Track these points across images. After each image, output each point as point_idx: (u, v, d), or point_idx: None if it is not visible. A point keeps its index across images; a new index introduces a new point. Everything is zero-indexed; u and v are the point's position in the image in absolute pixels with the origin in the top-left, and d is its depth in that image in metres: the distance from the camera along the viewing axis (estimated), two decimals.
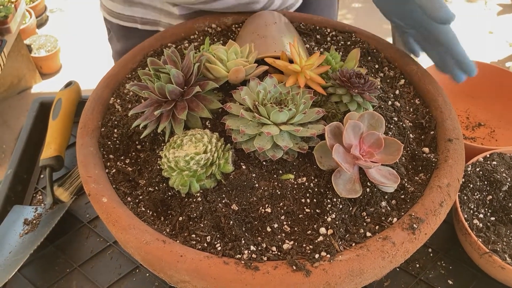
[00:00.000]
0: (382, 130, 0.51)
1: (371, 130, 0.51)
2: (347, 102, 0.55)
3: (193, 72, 0.54)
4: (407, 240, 0.46)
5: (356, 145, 0.50)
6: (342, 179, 0.50)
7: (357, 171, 0.51)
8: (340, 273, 0.44)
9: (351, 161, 0.50)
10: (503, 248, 0.59)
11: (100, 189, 0.52)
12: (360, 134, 0.50)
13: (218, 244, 0.47)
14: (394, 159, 0.50)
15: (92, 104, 0.62)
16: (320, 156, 0.51)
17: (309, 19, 0.74)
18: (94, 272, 0.66)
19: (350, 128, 0.50)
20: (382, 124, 0.51)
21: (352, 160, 0.50)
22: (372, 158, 0.49)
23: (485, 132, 0.85)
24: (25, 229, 0.69)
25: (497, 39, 2.58)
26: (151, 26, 0.83)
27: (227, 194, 0.51)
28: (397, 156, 0.50)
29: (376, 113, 0.51)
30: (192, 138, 0.52)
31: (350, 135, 0.50)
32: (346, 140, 0.49)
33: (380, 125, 0.51)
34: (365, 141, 0.50)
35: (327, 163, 0.51)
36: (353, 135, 0.50)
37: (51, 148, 0.75)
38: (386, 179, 0.50)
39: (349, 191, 0.50)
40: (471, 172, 0.66)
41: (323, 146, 0.51)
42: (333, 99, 0.56)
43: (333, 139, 0.50)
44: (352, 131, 0.50)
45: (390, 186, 0.49)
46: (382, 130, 0.51)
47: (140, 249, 0.46)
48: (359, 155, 0.49)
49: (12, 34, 2.07)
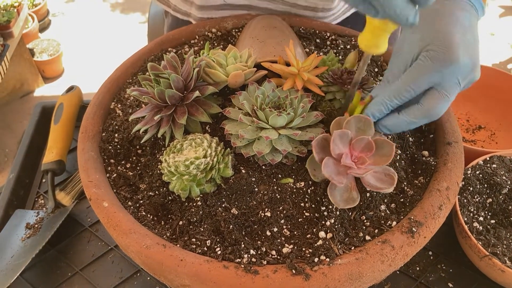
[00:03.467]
0: (371, 132, 0.50)
1: (360, 134, 0.50)
2: (341, 98, 0.56)
3: (192, 77, 0.54)
4: (406, 244, 0.46)
5: (347, 153, 0.49)
6: (338, 190, 0.49)
7: (352, 178, 0.50)
8: (339, 276, 0.44)
9: (343, 171, 0.49)
10: (503, 251, 0.59)
11: (101, 193, 0.52)
12: (349, 141, 0.49)
13: (218, 248, 0.47)
14: (388, 160, 0.49)
15: (93, 109, 0.62)
16: (313, 169, 0.51)
17: (309, 23, 0.74)
18: (95, 276, 0.67)
19: (337, 138, 0.48)
20: (371, 126, 0.50)
21: (344, 170, 0.49)
22: (365, 164, 0.48)
23: (486, 134, 0.85)
24: (27, 233, 0.69)
25: (499, 41, 2.58)
26: (182, 15, 0.85)
27: (227, 198, 0.51)
28: (390, 156, 0.48)
29: (362, 116, 0.50)
30: (192, 143, 0.52)
31: (338, 144, 0.48)
32: (334, 151, 0.48)
33: (369, 127, 0.50)
34: (355, 147, 0.49)
35: (320, 175, 0.51)
36: (342, 144, 0.49)
37: (52, 152, 0.76)
38: (382, 183, 0.49)
39: (346, 201, 0.49)
40: (471, 175, 0.66)
41: (313, 159, 0.50)
42: (327, 97, 0.57)
43: (321, 153, 0.49)
44: (340, 140, 0.49)
45: (386, 189, 0.49)
46: (371, 132, 0.50)
47: (140, 253, 0.47)
48: (351, 163, 0.48)
49: (14, 39, 2.08)
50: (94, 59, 2.62)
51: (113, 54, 2.64)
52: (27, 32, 2.47)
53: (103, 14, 2.98)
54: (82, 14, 2.98)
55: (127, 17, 2.95)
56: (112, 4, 3.07)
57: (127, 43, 2.68)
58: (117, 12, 3.00)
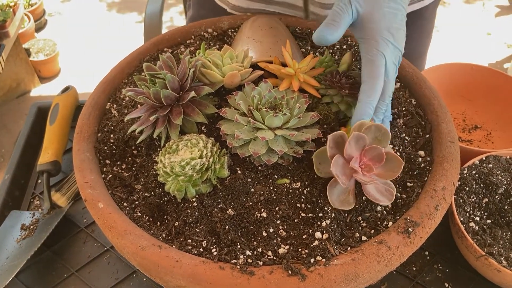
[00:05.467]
0: (386, 145, 0.50)
1: (375, 143, 0.50)
2: (338, 102, 0.56)
3: (188, 77, 0.54)
4: (402, 244, 0.46)
5: (357, 158, 0.49)
6: (337, 189, 0.50)
7: (354, 183, 0.50)
8: (336, 277, 0.44)
9: (349, 173, 0.49)
10: (499, 250, 0.59)
11: (96, 194, 0.52)
12: (363, 146, 0.49)
13: (214, 249, 0.47)
14: (394, 176, 0.49)
15: (89, 110, 0.62)
16: (318, 163, 0.51)
17: (305, 23, 0.74)
18: (91, 277, 0.66)
19: (353, 140, 0.48)
20: (388, 139, 0.50)
21: (350, 172, 0.49)
22: (370, 172, 0.48)
23: (482, 134, 0.85)
24: (23, 234, 0.69)
25: (495, 41, 2.59)
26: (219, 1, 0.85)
27: (222, 199, 0.51)
28: (397, 172, 0.49)
29: (383, 127, 0.49)
30: (187, 143, 0.52)
31: (353, 147, 0.49)
32: (347, 151, 0.48)
33: (386, 139, 0.50)
34: (366, 154, 0.49)
35: (325, 170, 0.51)
36: (356, 147, 0.49)
37: (48, 153, 0.76)
38: (381, 195, 0.49)
39: (342, 202, 0.49)
40: (467, 175, 0.66)
41: (323, 153, 0.50)
42: (325, 100, 0.57)
43: (334, 149, 0.49)
44: (356, 143, 0.49)
45: (384, 202, 0.49)
46: (386, 145, 0.50)
47: (136, 255, 0.46)
48: (358, 167, 0.48)
49: (10, 38, 2.08)
50: (91, 59, 2.61)
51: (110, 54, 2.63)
52: (23, 32, 2.46)
53: (99, 14, 2.98)
54: (78, 14, 2.98)
55: (124, 16, 2.95)
56: (109, 4, 3.06)
57: (124, 43, 2.67)
58: (114, 11, 3.00)
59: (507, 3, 2.85)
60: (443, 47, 2.51)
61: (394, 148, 0.57)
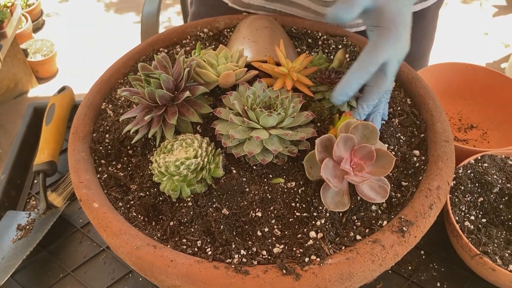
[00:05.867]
0: (375, 142, 0.50)
1: (364, 141, 0.50)
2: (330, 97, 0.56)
3: (183, 77, 0.54)
4: (397, 243, 0.46)
5: (347, 158, 0.49)
6: (330, 192, 0.50)
7: (347, 184, 0.50)
8: (330, 276, 0.44)
9: (340, 175, 0.49)
10: (494, 249, 0.59)
11: (91, 194, 0.52)
12: (352, 146, 0.49)
13: (208, 249, 0.47)
14: (386, 172, 0.49)
15: (84, 110, 0.62)
16: (309, 167, 0.51)
17: (301, 23, 0.74)
18: (87, 277, 0.66)
19: (341, 141, 0.48)
20: (376, 135, 0.50)
21: (341, 174, 0.49)
22: (362, 171, 0.48)
23: (478, 134, 0.86)
24: (18, 234, 0.69)
25: (493, 40, 2.59)
26: None
27: (217, 198, 0.51)
28: (389, 169, 0.49)
29: (370, 124, 0.50)
30: (182, 143, 0.52)
31: (341, 148, 0.49)
32: (336, 153, 0.48)
33: (374, 136, 0.50)
34: (356, 154, 0.49)
35: (316, 174, 0.51)
36: (344, 148, 0.49)
37: (44, 153, 0.76)
38: (375, 194, 0.49)
39: (337, 204, 0.49)
40: (463, 174, 0.66)
41: (313, 157, 0.50)
42: (316, 97, 0.57)
43: (323, 153, 0.49)
44: (344, 144, 0.49)
45: (378, 200, 0.49)
46: (375, 142, 0.50)
47: (131, 254, 0.46)
48: (349, 168, 0.48)
49: (8, 39, 2.07)
50: (88, 59, 2.61)
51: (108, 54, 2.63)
52: (20, 32, 2.46)
53: (97, 14, 2.97)
54: (76, 14, 2.97)
55: (122, 17, 2.94)
56: (107, 4, 3.06)
57: (122, 43, 2.67)
58: (111, 12, 2.99)
59: (505, 3, 2.86)
60: (440, 46, 2.50)
61: (389, 148, 0.57)
